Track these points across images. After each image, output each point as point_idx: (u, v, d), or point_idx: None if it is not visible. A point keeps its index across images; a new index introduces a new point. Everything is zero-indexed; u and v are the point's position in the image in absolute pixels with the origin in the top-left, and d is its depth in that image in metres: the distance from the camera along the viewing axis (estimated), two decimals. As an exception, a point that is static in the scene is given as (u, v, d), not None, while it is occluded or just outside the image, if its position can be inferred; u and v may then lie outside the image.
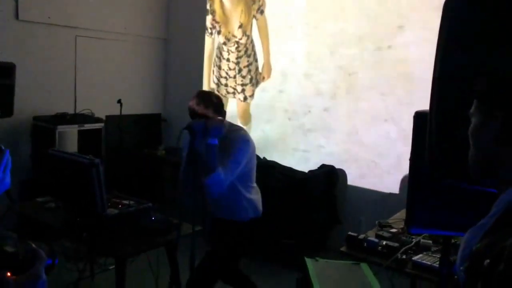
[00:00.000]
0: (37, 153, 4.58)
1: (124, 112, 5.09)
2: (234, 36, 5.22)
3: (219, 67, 5.47)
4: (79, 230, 2.84)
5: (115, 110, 4.96)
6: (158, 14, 6.02)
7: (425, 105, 4.32)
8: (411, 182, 1.77)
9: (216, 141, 2.59)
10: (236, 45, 5.22)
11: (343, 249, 2.73)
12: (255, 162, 2.89)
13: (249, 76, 5.22)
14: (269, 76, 5.04)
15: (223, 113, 2.74)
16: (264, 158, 5.14)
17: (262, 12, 5.04)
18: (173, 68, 6.16)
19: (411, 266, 2.45)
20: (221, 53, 5.45)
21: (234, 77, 5.33)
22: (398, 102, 4.39)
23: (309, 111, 4.93)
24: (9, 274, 1.00)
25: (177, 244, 2.98)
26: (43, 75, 4.86)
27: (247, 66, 5.19)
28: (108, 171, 4.49)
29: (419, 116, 1.69)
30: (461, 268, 0.97)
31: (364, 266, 2.63)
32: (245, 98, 5.30)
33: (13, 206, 3.63)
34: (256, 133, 5.17)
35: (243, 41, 5.16)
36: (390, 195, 4.23)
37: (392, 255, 2.50)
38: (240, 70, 5.25)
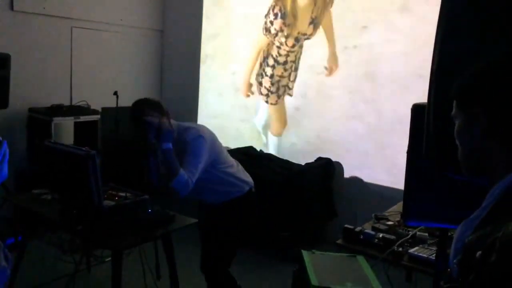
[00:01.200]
0: (33, 145, 4.56)
1: (120, 104, 5.05)
2: (304, 34, 4.87)
3: (271, 76, 5.15)
4: (75, 222, 2.83)
5: (111, 102, 4.93)
6: (154, 5, 5.98)
7: (389, 102, 4.37)
8: (408, 174, 1.77)
9: (170, 145, 2.62)
10: (300, 44, 4.91)
11: (339, 241, 2.73)
12: (218, 147, 2.86)
13: (297, 66, 5.02)
14: (337, 67, 4.75)
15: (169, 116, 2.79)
16: (260, 150, 5.14)
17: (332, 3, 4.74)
18: (169, 59, 6.13)
19: (407, 258, 2.46)
20: (278, 54, 5.08)
21: (289, 75, 5.07)
22: (364, 100, 4.54)
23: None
24: None
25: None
26: (38, 66, 4.82)
27: (298, 56, 4.99)
28: (104, 163, 4.48)
29: (416, 109, 1.68)
30: (454, 261, 0.97)
31: (360, 259, 2.64)
32: (290, 95, 5.14)
33: (8, 197, 3.63)
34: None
35: (313, 35, 4.83)
36: (387, 187, 4.24)
37: (389, 247, 2.51)
38: (296, 69, 5.02)
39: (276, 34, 5.03)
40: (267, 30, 5.11)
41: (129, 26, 5.68)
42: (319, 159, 4.69)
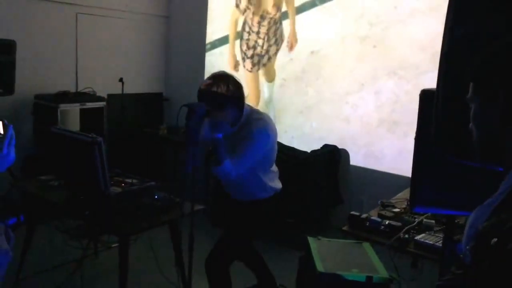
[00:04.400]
0: (39, 131, 4.57)
1: (126, 91, 5.06)
2: (268, 13, 5.21)
3: (248, 40, 5.42)
4: (82, 208, 2.85)
5: (117, 89, 4.93)
6: (159, -9, 5.95)
7: (396, 86, 4.22)
8: (415, 161, 1.76)
9: (220, 135, 2.52)
10: (268, 20, 5.25)
11: (345, 228, 2.73)
12: (274, 150, 2.81)
13: (274, 39, 5.24)
14: (296, 43, 5.06)
15: (241, 104, 2.64)
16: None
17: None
18: (174, 46, 6.10)
19: (414, 245, 2.46)
20: (250, 28, 5.39)
21: (262, 45, 5.32)
22: (369, 84, 4.52)
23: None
24: None
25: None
26: (44, 53, 4.82)
27: (275, 32, 5.21)
28: (110, 150, 4.49)
29: (425, 94, 1.66)
30: (467, 247, 0.96)
31: (366, 245, 2.64)
32: (269, 58, 5.28)
33: (15, 182, 3.65)
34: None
35: (277, 16, 5.16)
36: (393, 175, 4.23)
37: (395, 234, 2.50)
38: (269, 39, 5.27)
39: (245, 11, 5.41)
40: (237, 6, 5.49)
41: (135, 12, 5.65)
42: (325, 146, 4.68)
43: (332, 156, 4.60)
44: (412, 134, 1.74)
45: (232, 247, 2.87)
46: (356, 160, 4.67)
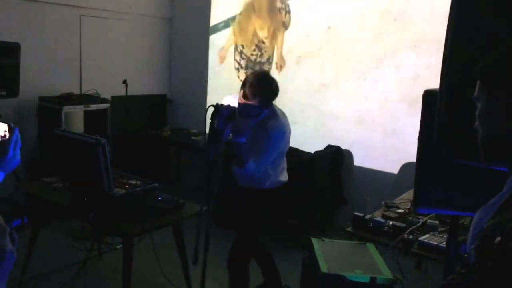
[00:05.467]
0: (44, 133, 4.59)
1: (130, 92, 5.08)
2: (264, 43, 5.41)
3: (241, 53, 5.53)
4: (86, 209, 2.85)
5: (120, 91, 4.95)
6: (162, -7, 5.96)
7: (399, 87, 4.13)
8: (419, 161, 1.76)
9: (243, 140, 2.59)
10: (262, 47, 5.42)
11: (349, 229, 2.73)
12: (289, 142, 2.92)
13: (266, 57, 5.37)
14: (284, 65, 5.20)
15: (270, 104, 2.75)
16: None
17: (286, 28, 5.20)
18: (177, 48, 6.12)
19: (418, 246, 2.45)
20: (241, 54, 5.56)
21: (255, 60, 5.43)
22: (373, 86, 4.46)
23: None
24: None
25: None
26: (48, 55, 4.84)
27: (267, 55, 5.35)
28: (113, 152, 4.50)
29: (428, 95, 1.66)
30: (472, 247, 0.96)
31: (370, 246, 2.63)
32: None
33: (19, 184, 3.66)
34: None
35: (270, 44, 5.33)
36: (397, 175, 4.22)
37: (399, 235, 2.50)
38: (260, 62, 5.40)
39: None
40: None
41: (138, 14, 5.67)
42: (328, 147, 4.68)
43: (335, 157, 4.60)
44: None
45: (247, 241, 2.98)
46: (374, 139, 4.57)
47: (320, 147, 4.70)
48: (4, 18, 4.45)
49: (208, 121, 2.52)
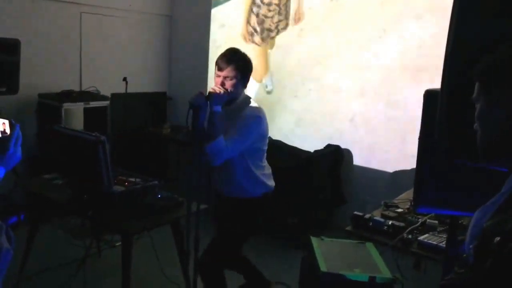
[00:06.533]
0: (43, 130, 4.58)
1: (130, 90, 5.07)
2: None
3: (257, 14, 5.38)
4: (85, 207, 2.85)
5: (120, 88, 4.94)
6: (163, -9, 5.96)
7: (400, 87, 4.08)
8: (419, 161, 1.76)
9: (219, 108, 2.56)
10: None
11: (348, 228, 2.73)
12: (266, 141, 2.82)
13: (284, 13, 5.20)
14: (303, 18, 5.04)
15: (247, 80, 2.73)
16: (269, 137, 5.12)
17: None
18: (178, 45, 6.11)
19: (417, 245, 2.45)
20: (261, 0, 5.36)
21: (272, 17, 5.26)
22: (373, 85, 4.41)
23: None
24: None
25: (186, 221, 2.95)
26: (48, 52, 4.83)
27: (285, 5, 5.15)
28: (113, 149, 4.50)
29: (429, 95, 1.66)
30: (471, 246, 0.96)
31: (369, 245, 2.63)
32: (277, 32, 5.24)
33: (19, 181, 3.66)
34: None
35: None
36: (397, 175, 4.23)
37: (398, 234, 2.50)
38: (279, 12, 5.21)
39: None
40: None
41: (138, 12, 5.66)
42: (328, 146, 4.68)
43: (335, 156, 4.60)
44: (438, 81, 1.69)
45: (224, 250, 2.85)
46: (376, 110, 4.54)
47: (323, 140, 4.70)
48: (4, 14, 4.44)
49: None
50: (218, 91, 2.59)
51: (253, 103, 2.75)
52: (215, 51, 5.71)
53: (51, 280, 3.39)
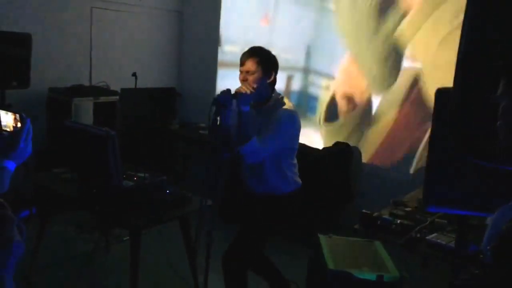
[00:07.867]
0: (53, 124, 4.61)
1: (139, 85, 5.06)
2: None
3: None
4: (94, 201, 2.87)
5: (130, 83, 4.94)
6: (173, -14, 5.96)
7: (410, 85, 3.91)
8: (429, 159, 1.74)
9: (247, 108, 2.51)
10: None
11: (356, 226, 2.72)
12: (298, 140, 2.79)
13: None
14: None
15: (274, 81, 2.68)
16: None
17: None
18: (187, 41, 6.12)
19: (425, 245, 2.44)
20: None
21: None
22: (383, 83, 4.35)
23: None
24: None
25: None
26: (59, 46, 4.85)
27: None
28: (122, 144, 4.51)
29: (440, 93, 1.64)
30: (488, 247, 0.95)
31: (377, 244, 2.62)
32: None
33: (28, 174, 3.68)
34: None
35: None
36: (406, 173, 4.20)
37: (406, 233, 2.49)
38: None
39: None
40: None
41: (148, 7, 5.67)
42: (337, 143, 4.66)
43: (343, 154, 4.57)
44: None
45: (250, 247, 2.81)
46: (368, 158, 4.58)
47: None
48: (16, 9, 4.46)
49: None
50: (245, 91, 2.53)
51: (287, 103, 2.69)
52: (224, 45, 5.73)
53: (60, 273, 3.41)
